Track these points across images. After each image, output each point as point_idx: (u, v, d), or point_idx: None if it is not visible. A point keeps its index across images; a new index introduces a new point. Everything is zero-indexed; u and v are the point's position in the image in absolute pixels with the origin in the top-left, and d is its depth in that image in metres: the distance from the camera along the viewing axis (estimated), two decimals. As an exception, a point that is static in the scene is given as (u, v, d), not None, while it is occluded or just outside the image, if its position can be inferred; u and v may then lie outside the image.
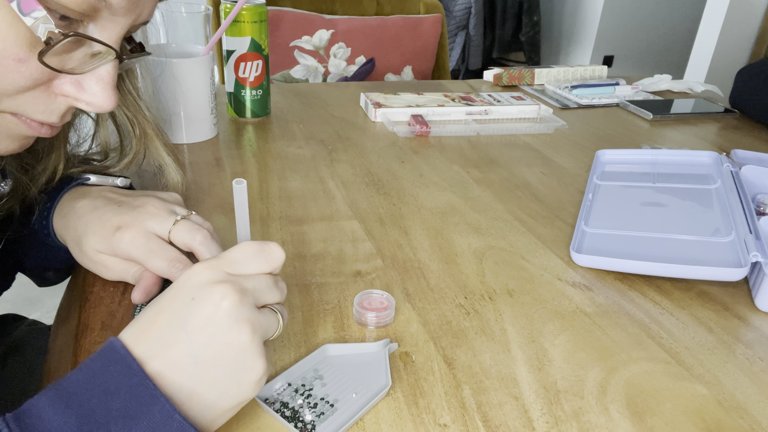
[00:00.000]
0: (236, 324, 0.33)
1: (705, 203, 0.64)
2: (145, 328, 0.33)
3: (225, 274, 0.35)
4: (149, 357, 0.32)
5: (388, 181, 0.72)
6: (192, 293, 0.34)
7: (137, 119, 0.53)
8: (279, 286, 0.38)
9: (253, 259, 0.36)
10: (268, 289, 0.36)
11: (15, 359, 0.66)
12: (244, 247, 0.37)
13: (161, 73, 0.74)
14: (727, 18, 2.47)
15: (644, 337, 0.47)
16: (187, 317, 0.33)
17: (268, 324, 0.36)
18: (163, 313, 0.34)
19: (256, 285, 0.36)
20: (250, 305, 0.34)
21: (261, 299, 0.36)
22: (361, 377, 0.41)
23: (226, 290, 0.33)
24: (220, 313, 0.33)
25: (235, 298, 0.33)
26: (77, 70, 0.38)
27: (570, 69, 1.22)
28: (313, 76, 1.50)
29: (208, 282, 0.34)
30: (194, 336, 0.32)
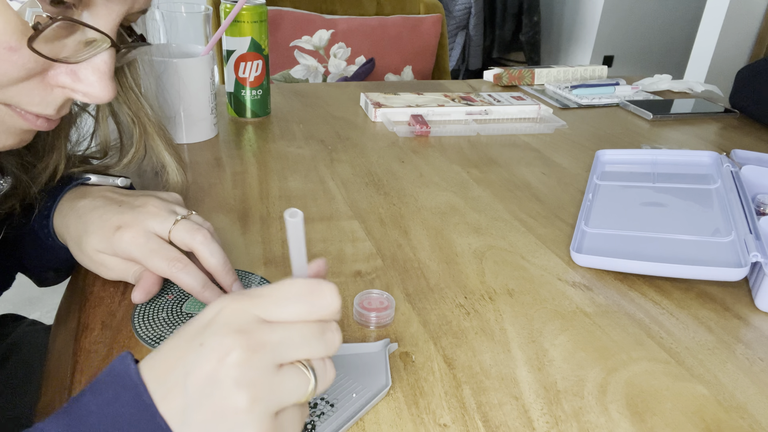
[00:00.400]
0: (235, 387, 0.28)
1: (705, 203, 0.64)
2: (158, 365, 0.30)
3: (250, 317, 0.29)
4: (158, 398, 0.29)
5: (388, 181, 0.72)
6: (203, 338, 0.29)
7: (138, 116, 0.52)
8: (326, 338, 0.31)
9: (296, 302, 0.30)
10: (303, 342, 0.30)
11: (15, 359, 0.66)
12: (289, 285, 0.31)
13: (162, 73, 0.74)
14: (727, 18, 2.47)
15: (644, 337, 0.47)
16: (191, 367, 0.29)
17: (286, 389, 0.29)
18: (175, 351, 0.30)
19: (285, 337, 0.29)
20: (263, 366, 0.28)
21: (289, 355, 0.30)
22: (361, 377, 0.41)
23: (237, 344, 0.28)
24: (222, 372, 0.28)
25: (243, 357, 0.28)
26: (71, 59, 0.37)
27: (570, 69, 1.22)
28: (313, 76, 1.50)
29: (225, 325, 0.29)
30: (191, 392, 0.28)
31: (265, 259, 0.54)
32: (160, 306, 0.47)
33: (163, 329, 0.44)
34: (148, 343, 0.43)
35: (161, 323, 0.45)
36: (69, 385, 0.40)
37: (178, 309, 0.47)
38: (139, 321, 0.45)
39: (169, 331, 0.44)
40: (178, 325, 0.45)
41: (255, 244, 0.57)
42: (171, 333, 0.44)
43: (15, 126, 0.40)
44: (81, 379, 0.40)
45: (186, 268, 0.44)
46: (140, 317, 0.45)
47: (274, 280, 0.51)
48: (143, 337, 0.43)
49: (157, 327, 0.44)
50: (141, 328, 0.44)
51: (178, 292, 0.49)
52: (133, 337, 0.44)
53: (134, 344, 0.43)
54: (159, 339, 0.43)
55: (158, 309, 0.46)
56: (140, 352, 0.42)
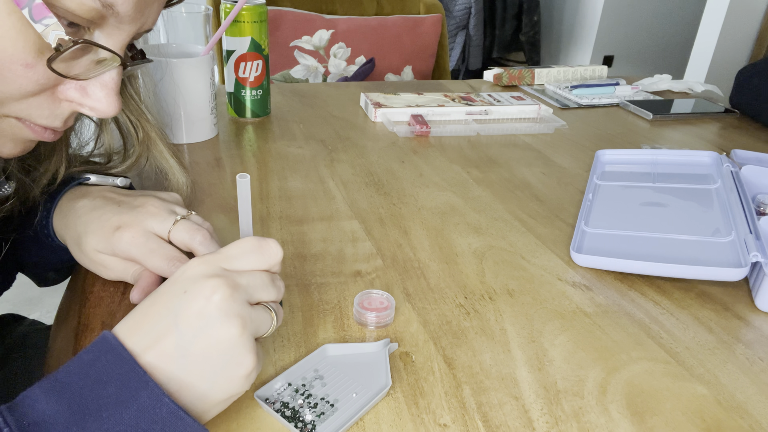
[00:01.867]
0: (226, 318, 0.33)
1: (705, 203, 0.64)
2: (137, 321, 0.34)
3: (219, 268, 0.35)
4: (141, 349, 0.32)
5: (388, 181, 0.72)
6: (184, 286, 0.34)
7: (140, 123, 0.53)
8: (275, 285, 0.37)
9: (250, 255, 0.36)
10: (262, 286, 0.36)
11: (15, 359, 0.66)
12: (242, 243, 0.37)
13: (162, 74, 0.74)
14: (727, 18, 2.46)
15: (644, 337, 0.47)
16: (179, 310, 0.33)
17: (260, 321, 0.35)
18: (155, 305, 0.34)
19: (250, 281, 0.35)
20: (241, 301, 0.34)
21: (255, 296, 0.36)
22: (362, 377, 0.41)
23: (218, 284, 0.33)
24: (211, 307, 0.33)
25: (227, 293, 0.33)
26: (82, 76, 0.38)
27: (570, 69, 1.22)
28: (313, 76, 1.50)
29: (202, 276, 0.34)
30: (184, 329, 0.33)
31: (265, 259, 0.54)
32: (160, 306, 0.47)
33: (163, 329, 0.44)
34: (148, 343, 0.43)
35: (161, 323, 0.45)
36: (69, 385, 0.40)
37: (178, 309, 0.47)
38: (139, 321, 0.45)
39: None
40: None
41: (255, 244, 0.57)
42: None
43: (22, 136, 0.41)
44: (81, 379, 0.40)
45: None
46: (140, 317, 0.45)
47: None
48: (143, 337, 0.43)
49: (157, 327, 0.44)
50: (141, 328, 0.44)
51: (178, 292, 0.49)
52: (133, 337, 0.43)
53: (134, 344, 0.43)
54: (159, 339, 0.43)
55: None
56: (140, 352, 0.42)
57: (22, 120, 0.40)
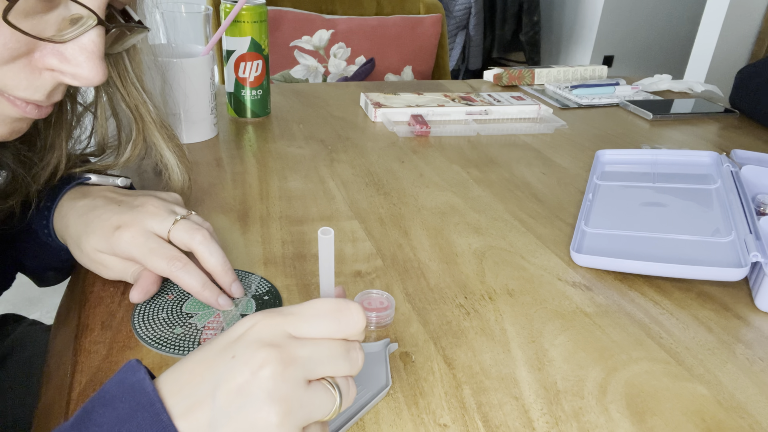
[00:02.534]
0: (268, 401, 0.28)
1: (705, 203, 0.64)
2: (180, 379, 0.30)
3: (283, 334, 0.30)
4: (177, 414, 0.29)
5: (388, 181, 0.72)
6: (235, 350, 0.29)
7: (139, 112, 0.52)
8: (350, 356, 0.32)
9: (323, 320, 0.31)
10: (330, 360, 0.31)
11: (15, 359, 0.66)
12: (318, 304, 0.32)
13: (162, 74, 0.74)
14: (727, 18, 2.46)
15: (644, 337, 0.47)
16: (221, 379, 0.29)
17: (314, 405, 0.30)
18: (203, 364, 0.30)
19: (314, 353, 0.30)
20: (295, 380, 0.29)
21: (317, 371, 0.30)
22: (361, 377, 0.41)
23: (271, 357, 0.29)
24: (255, 384, 0.28)
25: (277, 370, 0.28)
26: (56, 38, 0.36)
27: (570, 69, 1.22)
28: (313, 76, 1.50)
29: (257, 340, 0.29)
30: (221, 404, 0.28)
31: (264, 259, 0.54)
32: (160, 306, 0.47)
33: (163, 329, 0.44)
34: (148, 343, 0.43)
35: (161, 323, 0.45)
36: (69, 385, 0.40)
37: (178, 309, 0.47)
38: (138, 321, 0.45)
39: (169, 331, 0.44)
40: (177, 325, 0.45)
41: (255, 244, 0.57)
42: (171, 333, 0.44)
43: (5, 114, 0.39)
44: (81, 379, 0.40)
45: (185, 267, 0.44)
46: (140, 317, 0.45)
47: (273, 280, 0.51)
48: (143, 337, 0.43)
49: (157, 327, 0.44)
50: (141, 328, 0.44)
51: (179, 292, 0.49)
52: (133, 337, 0.44)
53: (134, 344, 0.43)
54: (159, 339, 0.43)
55: (158, 309, 0.46)
56: (140, 351, 0.42)
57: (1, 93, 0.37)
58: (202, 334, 0.44)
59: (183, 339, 0.43)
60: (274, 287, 0.50)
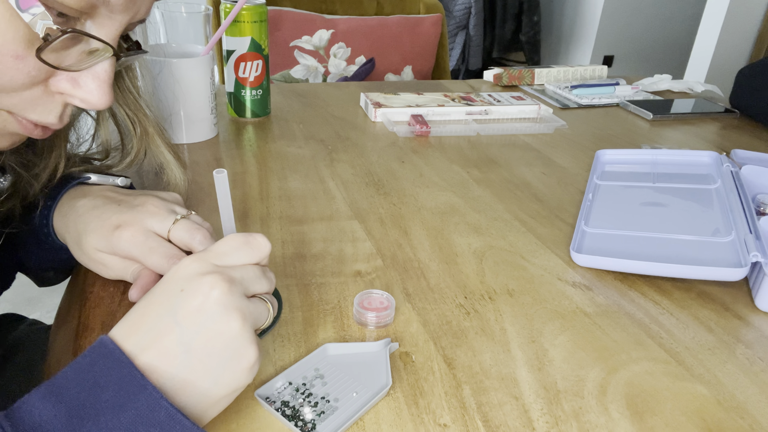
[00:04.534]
0: (226, 312, 0.33)
1: (705, 203, 0.64)
2: (135, 322, 0.34)
3: (213, 265, 0.35)
4: (140, 349, 0.32)
5: (388, 181, 0.72)
6: (181, 285, 0.34)
7: (138, 118, 0.53)
8: (267, 276, 0.38)
9: (240, 251, 0.37)
10: (256, 279, 0.37)
11: (15, 359, 0.66)
12: (230, 240, 0.37)
13: (161, 73, 0.74)
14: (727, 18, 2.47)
15: (644, 337, 0.47)
16: (178, 308, 0.33)
17: (258, 312, 0.36)
18: (153, 305, 0.34)
19: (243, 275, 0.36)
20: (239, 294, 0.35)
21: (250, 289, 0.36)
22: (362, 377, 0.41)
23: (215, 280, 0.34)
24: (210, 302, 0.33)
25: (224, 288, 0.34)
26: (74, 67, 0.38)
27: (570, 69, 1.22)
28: (313, 76, 1.50)
29: (197, 273, 0.34)
30: (185, 325, 0.33)
31: (265, 259, 0.54)
32: (160, 306, 0.47)
33: (163, 329, 0.44)
34: (148, 342, 0.43)
35: (161, 323, 0.45)
36: (69, 384, 0.40)
37: (178, 309, 0.47)
38: (139, 321, 0.45)
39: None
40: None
41: (255, 244, 0.57)
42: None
43: (11, 130, 0.41)
44: (81, 379, 0.40)
45: None
46: (140, 317, 0.45)
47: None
48: (143, 337, 0.43)
49: (157, 327, 0.44)
50: (141, 327, 0.44)
51: (178, 292, 0.49)
52: (133, 336, 0.43)
53: (134, 344, 0.43)
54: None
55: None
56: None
57: (14, 114, 0.39)
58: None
59: (183, 339, 0.43)
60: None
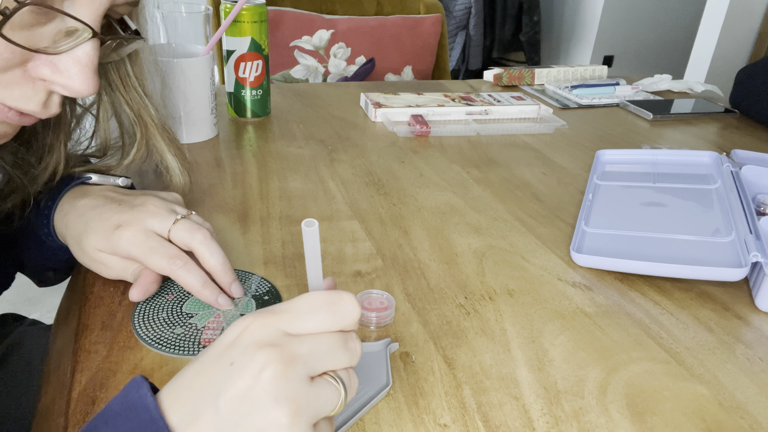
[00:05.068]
0: (275, 403, 0.27)
1: (705, 203, 0.64)
2: (181, 392, 0.29)
3: (277, 332, 0.29)
4: (179, 427, 0.28)
5: (388, 181, 0.72)
6: (232, 356, 0.29)
7: (141, 116, 0.52)
8: (349, 347, 0.31)
9: (319, 314, 0.30)
10: (330, 353, 0.30)
11: (15, 359, 0.66)
12: (309, 299, 0.31)
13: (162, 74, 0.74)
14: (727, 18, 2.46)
15: (644, 337, 0.47)
16: (221, 388, 0.28)
17: (321, 401, 0.29)
18: (201, 375, 0.29)
19: (314, 348, 0.30)
20: (298, 378, 0.28)
21: (318, 366, 0.30)
22: (362, 377, 0.41)
23: (270, 358, 0.28)
24: (258, 388, 0.28)
25: (279, 371, 0.28)
26: (50, 49, 0.36)
27: (570, 69, 1.22)
28: (313, 76, 1.50)
29: (254, 343, 0.29)
30: (225, 413, 0.28)
31: (264, 259, 0.54)
32: (161, 306, 0.47)
33: (163, 329, 0.44)
34: (148, 343, 0.43)
35: (161, 323, 0.45)
36: (69, 385, 0.40)
37: (178, 309, 0.47)
38: (139, 321, 0.45)
39: (169, 331, 0.44)
40: (178, 325, 0.45)
41: (255, 244, 0.57)
42: (171, 333, 0.44)
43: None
44: (81, 379, 0.40)
45: (186, 266, 0.44)
46: (140, 317, 0.45)
47: (273, 280, 0.51)
48: (143, 337, 0.43)
49: (157, 327, 0.44)
50: (141, 328, 0.44)
51: (179, 292, 0.49)
52: (133, 337, 0.44)
53: (134, 344, 0.43)
54: (159, 339, 0.43)
55: (158, 309, 0.46)
56: (140, 351, 0.42)
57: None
58: (202, 334, 0.44)
59: (183, 339, 0.43)
60: (274, 287, 0.50)
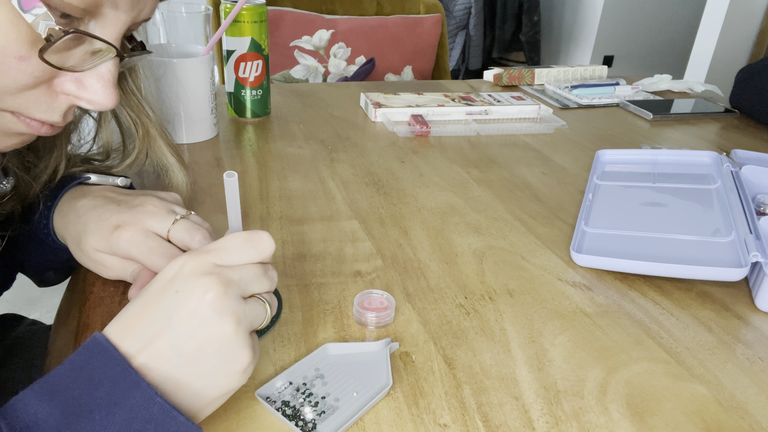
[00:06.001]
0: (220, 316, 0.33)
1: (705, 203, 0.64)
2: (130, 322, 0.34)
3: (211, 265, 0.35)
4: (135, 351, 0.32)
5: (388, 181, 0.72)
6: (176, 286, 0.34)
7: (140, 119, 0.53)
8: (268, 275, 0.37)
9: (242, 249, 0.36)
10: (255, 279, 0.36)
11: (15, 359, 0.66)
12: (232, 237, 0.37)
13: (162, 73, 0.74)
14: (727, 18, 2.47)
15: (644, 337, 0.47)
16: (172, 311, 0.33)
17: (254, 314, 0.35)
18: (148, 306, 0.34)
19: (242, 275, 0.35)
20: (235, 297, 0.34)
21: (248, 289, 0.36)
22: (362, 376, 0.41)
23: (210, 283, 0.33)
24: (204, 306, 0.33)
25: (219, 291, 0.33)
26: (78, 67, 0.38)
27: (570, 69, 1.22)
28: (313, 76, 1.50)
29: (193, 274, 0.34)
30: (178, 329, 0.33)
31: (265, 259, 0.54)
32: (160, 306, 0.47)
33: (163, 329, 0.44)
34: (148, 342, 0.43)
35: (161, 323, 0.45)
36: (69, 385, 0.40)
37: (178, 309, 0.47)
38: (139, 321, 0.45)
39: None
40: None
41: (255, 244, 0.57)
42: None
43: (17, 130, 0.41)
44: (81, 379, 0.40)
45: None
46: (140, 317, 0.45)
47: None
48: (143, 337, 0.43)
49: (157, 327, 0.44)
50: (141, 327, 0.44)
51: (178, 292, 0.49)
52: (133, 337, 0.43)
53: (134, 344, 0.43)
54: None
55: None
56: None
57: (17, 114, 0.39)
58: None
59: (183, 339, 0.43)
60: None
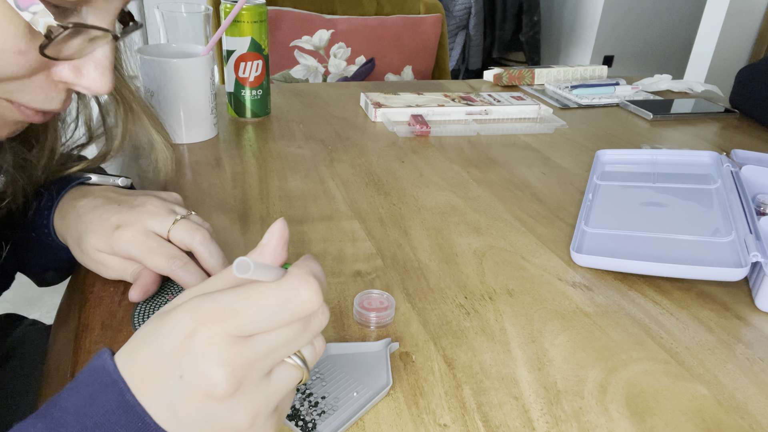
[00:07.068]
0: (232, 416, 0.27)
1: (705, 203, 0.64)
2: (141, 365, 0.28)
3: (227, 342, 0.27)
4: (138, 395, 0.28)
5: (388, 181, 0.72)
6: (182, 368, 0.27)
7: (122, 95, 0.52)
8: (311, 328, 0.29)
9: (272, 314, 0.27)
10: (287, 344, 0.28)
11: (15, 359, 0.66)
12: (262, 294, 0.27)
13: (162, 73, 0.74)
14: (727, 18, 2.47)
15: (644, 337, 0.47)
16: (176, 395, 0.27)
17: (278, 388, 0.29)
18: (150, 374, 0.28)
19: (269, 346, 0.28)
20: (253, 385, 0.28)
21: (276, 359, 0.28)
22: (362, 376, 0.41)
23: (223, 377, 0.26)
24: (212, 403, 0.27)
25: (231, 389, 0.27)
26: (76, 56, 0.38)
27: (570, 69, 1.22)
28: (313, 76, 1.50)
29: (203, 358, 0.27)
30: (181, 416, 0.27)
31: (265, 259, 0.54)
32: (160, 306, 0.47)
33: (163, 329, 0.44)
34: (148, 343, 0.43)
35: (161, 323, 0.45)
36: (69, 385, 0.40)
37: (178, 309, 0.47)
38: (139, 321, 0.45)
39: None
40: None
41: (255, 244, 0.56)
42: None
43: (12, 118, 0.40)
44: (81, 379, 0.40)
45: (186, 266, 0.44)
46: (140, 317, 0.45)
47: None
48: (143, 337, 0.43)
49: (157, 327, 0.44)
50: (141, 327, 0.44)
51: (179, 292, 0.49)
52: (133, 337, 0.43)
53: (134, 344, 0.43)
54: (159, 339, 0.43)
55: (158, 309, 0.46)
56: (140, 352, 0.42)
57: (15, 103, 0.39)
58: (202, 334, 0.44)
59: (183, 339, 0.43)
60: (274, 287, 0.50)
